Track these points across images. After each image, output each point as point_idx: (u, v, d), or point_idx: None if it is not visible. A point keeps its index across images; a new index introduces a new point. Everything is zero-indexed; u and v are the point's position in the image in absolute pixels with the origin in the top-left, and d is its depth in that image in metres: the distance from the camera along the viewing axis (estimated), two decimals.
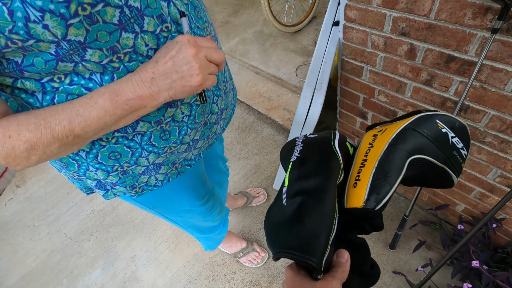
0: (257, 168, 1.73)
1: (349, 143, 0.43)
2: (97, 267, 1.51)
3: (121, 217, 1.68)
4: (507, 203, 0.99)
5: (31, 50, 0.35)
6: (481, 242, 1.12)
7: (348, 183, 0.39)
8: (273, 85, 2.10)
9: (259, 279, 1.34)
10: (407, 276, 1.18)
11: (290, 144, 0.44)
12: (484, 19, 0.67)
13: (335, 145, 0.40)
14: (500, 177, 0.94)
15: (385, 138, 0.39)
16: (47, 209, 1.80)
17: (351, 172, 0.40)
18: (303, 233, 0.32)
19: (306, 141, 0.42)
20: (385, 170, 0.36)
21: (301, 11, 2.50)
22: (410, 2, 0.77)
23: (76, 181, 0.59)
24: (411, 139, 0.37)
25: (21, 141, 0.35)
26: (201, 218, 0.87)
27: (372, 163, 0.37)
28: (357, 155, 0.41)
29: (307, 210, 0.34)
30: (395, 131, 0.39)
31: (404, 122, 0.39)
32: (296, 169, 0.38)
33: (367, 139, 0.42)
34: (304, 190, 0.35)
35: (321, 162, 0.38)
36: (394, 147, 0.37)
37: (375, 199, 0.36)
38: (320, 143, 0.41)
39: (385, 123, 0.44)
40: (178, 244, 1.52)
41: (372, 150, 0.39)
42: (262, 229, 1.50)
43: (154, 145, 0.52)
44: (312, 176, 0.36)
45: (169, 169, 0.60)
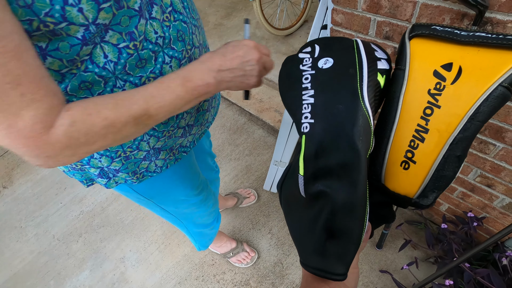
0: (248, 169, 1.75)
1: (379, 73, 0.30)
2: (85, 269, 1.49)
3: (110, 218, 1.67)
4: (486, 202, 1.02)
5: (60, 34, 0.36)
6: (463, 241, 1.16)
7: (389, 156, 0.29)
8: (265, 87, 2.12)
9: (248, 279, 1.35)
10: (393, 274, 1.20)
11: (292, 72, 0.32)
12: (461, 24, 0.70)
13: (363, 94, 0.28)
14: (480, 177, 0.97)
15: (465, 100, 0.25)
16: (35, 210, 1.77)
17: (393, 136, 0.28)
18: (333, 253, 0.28)
19: (318, 79, 0.30)
20: (457, 157, 0.26)
21: (293, 15, 2.54)
22: (393, 7, 0.80)
23: (77, 173, 0.59)
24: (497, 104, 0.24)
25: (101, 118, 0.36)
26: (195, 209, 0.88)
27: (440, 143, 0.26)
28: (404, 107, 0.28)
29: (333, 218, 0.27)
30: (482, 92, 0.24)
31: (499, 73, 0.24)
32: (311, 142, 0.28)
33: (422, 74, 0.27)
34: (326, 171, 0.27)
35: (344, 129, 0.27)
36: (473, 123, 0.25)
37: (434, 197, 0.28)
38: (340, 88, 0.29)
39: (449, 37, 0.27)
40: (168, 245, 1.52)
41: (439, 116, 0.26)
42: (252, 230, 1.51)
43: (154, 129, 0.55)
44: (335, 151, 0.27)
45: (167, 154, 0.63)
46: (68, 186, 1.86)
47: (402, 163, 0.28)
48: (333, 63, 0.31)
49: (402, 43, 0.30)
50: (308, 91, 0.30)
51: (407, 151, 0.28)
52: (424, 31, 0.28)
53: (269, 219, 1.53)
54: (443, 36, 0.27)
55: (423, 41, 0.29)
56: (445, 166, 0.26)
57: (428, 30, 0.28)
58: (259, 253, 1.42)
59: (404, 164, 0.28)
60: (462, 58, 0.26)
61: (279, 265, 1.37)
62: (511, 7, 0.61)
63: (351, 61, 0.30)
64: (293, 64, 0.34)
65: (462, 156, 0.26)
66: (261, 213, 1.56)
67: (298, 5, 2.53)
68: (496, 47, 0.24)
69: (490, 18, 0.65)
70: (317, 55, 0.33)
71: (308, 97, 0.30)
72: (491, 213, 1.04)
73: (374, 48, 0.33)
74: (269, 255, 1.41)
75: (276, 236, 1.46)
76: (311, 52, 0.33)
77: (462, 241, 1.16)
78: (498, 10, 0.63)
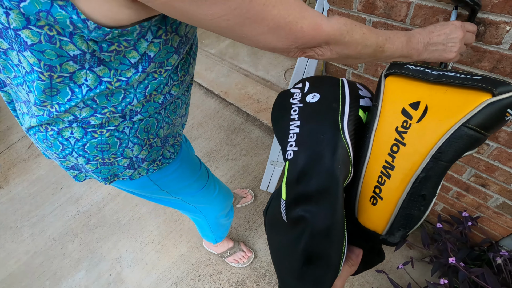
0: (245, 169, 1.75)
1: (361, 109, 0.33)
2: (81, 269, 1.49)
3: (107, 218, 1.67)
4: (480, 202, 1.03)
5: None
6: (459, 240, 1.16)
7: (360, 190, 0.30)
8: (262, 87, 2.13)
9: (245, 279, 1.35)
10: (389, 274, 1.21)
11: (283, 105, 0.35)
12: None
13: (343, 127, 0.30)
14: (474, 177, 0.98)
15: (428, 139, 0.25)
16: (31, 210, 1.76)
17: (365, 171, 0.29)
18: (309, 278, 0.29)
19: (304, 112, 0.32)
20: (421, 196, 0.26)
21: None
22: (387, 8, 0.81)
23: (105, 168, 0.62)
24: (462, 145, 0.24)
25: (361, 31, 0.44)
26: (209, 193, 0.93)
27: (404, 181, 0.26)
28: (375, 143, 0.29)
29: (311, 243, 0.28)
30: (445, 131, 0.24)
31: (462, 113, 0.24)
32: (293, 168, 0.30)
33: (392, 111, 0.28)
34: (306, 196, 0.28)
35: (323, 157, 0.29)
36: (437, 163, 0.24)
37: (401, 235, 0.28)
38: (323, 120, 0.31)
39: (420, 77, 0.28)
40: (164, 245, 1.51)
41: (404, 154, 0.26)
42: (249, 229, 1.51)
43: (168, 116, 0.64)
44: (315, 177, 0.28)
45: (173, 140, 0.72)
46: (64, 186, 1.85)
47: (371, 198, 0.29)
48: (319, 98, 0.34)
49: (379, 80, 0.32)
50: (295, 122, 0.32)
51: (375, 187, 0.28)
52: (397, 70, 0.30)
53: None
54: (414, 75, 0.28)
55: (397, 79, 0.30)
56: (409, 204, 0.26)
57: (401, 69, 0.29)
58: (255, 253, 1.42)
59: (372, 199, 0.29)
60: (430, 97, 0.26)
61: None
62: (503, 8, 0.62)
63: (335, 97, 0.33)
64: (285, 97, 0.37)
65: (427, 196, 0.26)
66: (257, 213, 1.56)
67: None
68: (464, 87, 0.25)
69: (483, 18, 0.66)
70: (306, 90, 0.36)
71: (295, 127, 0.32)
72: (486, 213, 1.05)
73: (358, 87, 0.36)
74: (265, 255, 1.41)
75: None
76: (301, 88, 0.37)
77: (457, 240, 1.17)
78: (490, 10, 0.64)
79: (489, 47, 0.69)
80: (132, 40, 0.42)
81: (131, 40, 0.42)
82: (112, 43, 0.41)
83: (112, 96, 0.50)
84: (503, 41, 0.66)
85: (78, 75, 0.44)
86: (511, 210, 0.96)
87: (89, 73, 0.44)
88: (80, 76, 0.44)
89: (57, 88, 0.45)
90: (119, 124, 0.55)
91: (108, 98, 0.50)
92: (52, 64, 0.41)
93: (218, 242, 1.29)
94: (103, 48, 0.41)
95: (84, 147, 0.55)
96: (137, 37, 0.42)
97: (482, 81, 0.24)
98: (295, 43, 0.40)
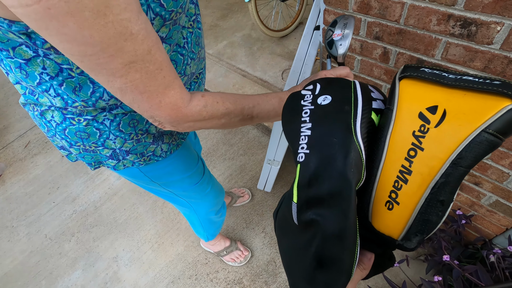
0: (242, 169, 1.75)
1: (373, 112, 0.32)
2: (77, 268, 1.48)
3: (104, 217, 1.67)
4: (474, 200, 1.04)
5: None
6: (453, 238, 1.18)
7: (375, 195, 0.30)
8: (260, 87, 2.14)
9: (241, 277, 1.36)
10: (384, 272, 1.22)
11: (294, 107, 0.35)
12: (447, 25, 0.73)
13: (356, 130, 0.29)
14: (468, 175, 0.99)
15: (447, 145, 0.25)
16: (27, 209, 1.76)
17: (379, 175, 0.29)
18: (321, 282, 0.29)
19: (316, 114, 0.32)
20: (440, 201, 0.25)
21: (288, 16, 2.57)
22: (382, 8, 0.82)
23: (87, 154, 0.62)
24: (482, 151, 0.24)
25: (224, 107, 0.47)
26: (202, 189, 0.93)
27: (422, 186, 0.26)
28: (390, 147, 0.28)
29: (323, 246, 0.28)
30: (465, 137, 0.24)
31: (483, 119, 0.24)
32: (305, 171, 0.30)
33: (408, 115, 0.28)
34: (317, 199, 0.28)
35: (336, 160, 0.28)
36: (456, 168, 0.24)
37: (418, 241, 0.27)
38: (335, 123, 0.30)
39: (436, 80, 0.27)
40: (161, 244, 1.51)
41: (422, 159, 0.26)
42: (246, 228, 1.51)
43: (121, 131, 0.60)
44: (327, 180, 0.28)
45: (170, 139, 0.70)
46: (61, 186, 1.85)
47: (387, 203, 0.28)
48: (331, 100, 0.33)
49: (393, 83, 0.31)
50: (306, 124, 0.32)
51: (391, 192, 0.28)
52: (413, 73, 0.29)
53: (262, 218, 1.54)
54: (430, 79, 0.27)
55: (412, 82, 0.29)
56: (427, 209, 0.26)
57: (417, 72, 0.28)
58: (252, 252, 1.42)
59: (388, 204, 0.28)
60: (448, 101, 0.26)
61: (272, 264, 1.38)
62: (494, 9, 0.63)
63: (347, 99, 0.33)
64: (296, 99, 0.36)
65: (446, 201, 0.25)
66: (254, 212, 1.57)
67: (293, 7, 2.56)
68: (483, 92, 0.24)
69: (474, 19, 0.67)
70: (317, 92, 0.35)
71: (306, 130, 0.31)
72: (479, 211, 1.07)
73: (371, 89, 0.35)
74: (262, 254, 1.42)
75: (269, 235, 1.47)
76: (312, 90, 0.36)
77: (451, 239, 1.18)
78: (481, 11, 0.65)
79: (480, 47, 0.71)
80: None
81: None
82: None
83: (80, 91, 0.48)
84: (494, 41, 0.68)
85: (35, 62, 0.43)
86: (503, 208, 0.98)
87: (46, 61, 0.43)
88: (37, 64, 0.43)
89: (26, 71, 0.45)
90: (98, 115, 0.54)
91: (76, 92, 0.48)
92: (4, 48, 0.41)
93: (210, 240, 1.29)
94: (38, 45, 0.40)
95: (65, 132, 0.56)
96: None
97: (502, 86, 0.23)
98: (150, 113, 0.42)
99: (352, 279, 0.31)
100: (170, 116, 0.42)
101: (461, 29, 0.71)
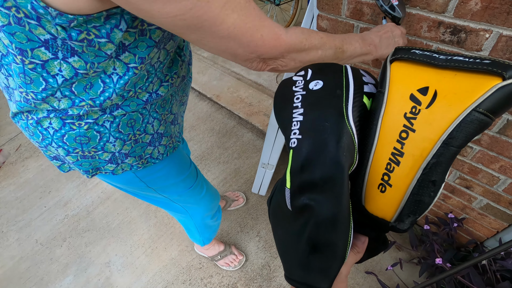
0: (236, 172, 1.75)
1: (365, 95, 0.32)
2: (69, 274, 1.46)
3: (96, 222, 1.64)
4: (465, 203, 1.06)
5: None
6: (445, 241, 1.19)
7: (368, 178, 0.30)
8: (254, 91, 2.14)
9: (236, 282, 1.35)
10: (378, 275, 1.22)
11: (286, 93, 0.35)
12: (438, 32, 0.74)
13: (348, 114, 0.30)
14: (459, 179, 1.00)
15: (438, 125, 0.25)
16: (17, 214, 1.73)
17: (372, 158, 0.29)
18: (316, 267, 0.29)
19: (308, 99, 0.32)
20: (431, 182, 0.26)
21: (283, 20, 2.59)
22: (374, 14, 0.83)
23: (85, 161, 0.61)
24: (472, 130, 0.24)
25: (318, 36, 0.47)
26: (196, 193, 0.93)
27: (414, 167, 0.26)
28: (382, 130, 0.28)
29: (317, 231, 0.28)
30: (455, 116, 0.24)
31: (473, 98, 0.24)
32: (297, 156, 0.29)
33: (399, 97, 0.28)
34: (310, 184, 0.28)
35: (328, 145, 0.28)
36: (448, 148, 0.25)
37: (411, 221, 0.28)
38: (327, 107, 0.31)
39: (427, 61, 0.27)
40: (155, 249, 1.50)
41: (414, 141, 0.26)
42: (240, 232, 1.51)
43: (156, 111, 0.63)
44: (320, 165, 0.28)
45: (168, 141, 0.71)
46: (53, 190, 1.82)
47: (380, 185, 0.29)
48: (322, 85, 0.33)
49: (383, 66, 0.31)
50: (298, 110, 0.32)
51: (384, 174, 0.28)
52: (404, 55, 0.29)
53: (257, 222, 1.53)
54: (421, 60, 0.27)
55: (403, 64, 0.29)
56: (419, 190, 0.26)
57: (408, 54, 0.29)
58: (247, 256, 1.42)
59: (381, 186, 0.29)
60: (439, 82, 0.26)
61: (266, 268, 1.37)
62: (482, 16, 0.65)
63: (339, 84, 0.33)
64: (288, 85, 0.36)
65: (437, 181, 0.26)
66: (249, 216, 1.56)
67: (287, 11, 2.58)
68: (473, 71, 0.24)
69: (463, 26, 0.69)
70: (309, 78, 0.35)
71: (298, 115, 0.31)
72: (471, 214, 1.08)
73: (362, 74, 0.35)
74: (257, 258, 1.41)
75: (264, 239, 1.47)
76: (304, 75, 0.36)
77: (444, 242, 1.19)
78: (470, 19, 0.66)
79: (470, 54, 0.72)
80: (103, 29, 0.41)
81: (100, 27, 0.41)
82: (81, 31, 0.40)
83: (91, 88, 0.49)
84: (483, 48, 0.69)
85: (52, 64, 0.43)
86: (494, 211, 0.99)
87: (63, 63, 0.44)
88: (54, 66, 0.44)
89: (30, 77, 0.45)
90: (99, 118, 0.54)
91: (87, 90, 0.49)
92: (23, 48, 0.40)
93: (206, 244, 1.28)
94: (72, 37, 0.40)
95: (63, 139, 0.55)
96: (108, 26, 0.41)
97: (491, 65, 0.23)
98: (256, 51, 0.41)
99: (346, 262, 0.31)
100: (276, 48, 0.42)
101: (451, 36, 0.72)
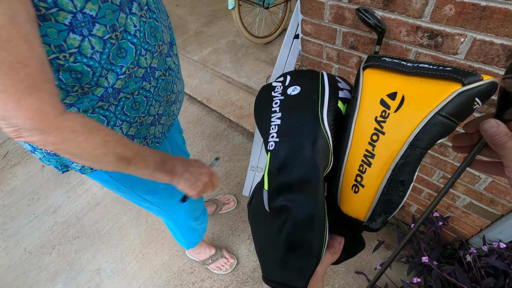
0: (227, 175, 1.75)
1: (340, 101, 0.33)
2: (58, 282, 1.44)
3: (86, 228, 1.63)
4: (450, 202, 1.08)
5: (49, 20, 0.41)
6: (432, 240, 1.21)
7: (342, 179, 0.31)
8: (245, 94, 2.15)
9: (227, 285, 1.35)
10: (368, 275, 1.24)
11: (265, 98, 0.36)
12: (416, 36, 0.76)
13: (323, 118, 0.31)
14: (443, 178, 1.03)
15: (405, 128, 0.26)
16: (5, 222, 1.70)
17: (346, 160, 0.30)
18: (293, 266, 0.30)
19: (285, 104, 0.34)
20: (400, 182, 0.27)
21: (272, 23, 2.60)
22: (356, 19, 0.85)
23: (52, 158, 0.61)
24: (436, 132, 0.26)
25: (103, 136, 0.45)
26: (172, 196, 0.91)
27: (384, 168, 0.27)
28: (355, 133, 0.30)
29: (294, 231, 0.29)
30: (421, 119, 0.26)
31: (436, 102, 0.25)
32: (275, 159, 0.31)
33: (371, 102, 0.29)
34: (287, 185, 0.29)
35: (304, 147, 0.30)
36: (414, 150, 0.26)
37: (382, 220, 0.30)
38: (303, 112, 0.32)
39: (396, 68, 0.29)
40: (146, 254, 1.49)
41: (383, 143, 0.28)
42: (231, 236, 1.51)
43: (126, 114, 0.61)
44: (296, 167, 0.29)
45: (141, 143, 0.69)
46: (41, 197, 1.80)
47: (353, 186, 0.30)
48: (300, 90, 0.35)
49: (358, 72, 0.33)
50: (276, 114, 0.33)
51: (357, 175, 0.29)
52: (375, 62, 0.31)
53: (248, 225, 1.54)
54: (391, 67, 0.29)
55: (375, 71, 0.31)
56: (389, 190, 0.28)
57: (379, 62, 0.30)
58: (238, 259, 1.42)
59: (354, 187, 0.30)
60: (406, 88, 0.28)
61: (258, 270, 1.38)
62: (456, 21, 0.67)
63: (315, 89, 0.34)
64: (267, 91, 0.38)
65: (406, 181, 0.27)
66: (240, 219, 1.57)
67: (276, 14, 2.60)
68: (436, 77, 0.26)
69: (440, 30, 0.70)
70: (287, 83, 0.37)
71: (276, 119, 0.33)
72: (455, 213, 1.10)
73: (338, 80, 0.37)
74: (248, 261, 1.41)
75: None
76: (283, 81, 0.38)
77: (431, 240, 1.21)
78: (446, 23, 0.68)
79: (447, 57, 0.74)
80: None
81: None
82: None
83: (126, 53, 0.51)
84: (459, 51, 0.71)
85: (84, 47, 0.46)
86: (477, 209, 1.01)
87: (92, 39, 0.46)
88: (86, 47, 0.46)
89: None
90: (103, 104, 0.55)
91: (120, 55, 0.51)
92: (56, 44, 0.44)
93: (191, 247, 1.27)
94: None
95: None
96: None
97: (453, 72, 0.25)
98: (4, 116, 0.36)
99: (322, 262, 0.32)
100: (33, 121, 0.37)
101: (429, 40, 0.74)
